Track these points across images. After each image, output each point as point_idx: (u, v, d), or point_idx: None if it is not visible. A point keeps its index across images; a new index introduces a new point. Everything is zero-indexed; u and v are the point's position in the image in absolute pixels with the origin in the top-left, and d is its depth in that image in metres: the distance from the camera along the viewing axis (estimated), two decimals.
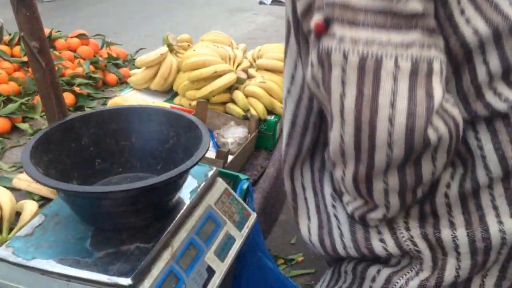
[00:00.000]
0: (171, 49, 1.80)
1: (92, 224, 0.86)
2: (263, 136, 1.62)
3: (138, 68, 1.89)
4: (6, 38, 1.99)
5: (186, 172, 0.81)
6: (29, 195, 1.24)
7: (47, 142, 0.89)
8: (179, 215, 0.89)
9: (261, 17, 6.67)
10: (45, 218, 0.88)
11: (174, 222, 0.87)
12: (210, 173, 1.01)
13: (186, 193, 0.94)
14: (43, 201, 1.23)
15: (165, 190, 0.85)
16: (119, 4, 7.08)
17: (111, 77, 2.14)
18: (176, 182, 0.86)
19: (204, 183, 0.98)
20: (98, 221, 0.86)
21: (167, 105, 1.59)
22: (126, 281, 0.74)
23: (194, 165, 0.81)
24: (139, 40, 2.51)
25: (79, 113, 0.98)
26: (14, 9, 0.94)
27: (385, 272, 0.78)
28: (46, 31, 2.12)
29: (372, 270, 0.80)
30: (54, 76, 1.02)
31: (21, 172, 1.38)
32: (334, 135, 0.64)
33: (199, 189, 0.96)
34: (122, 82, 2.18)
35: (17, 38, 1.96)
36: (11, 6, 0.94)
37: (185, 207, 0.91)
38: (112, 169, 1.01)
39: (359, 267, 0.82)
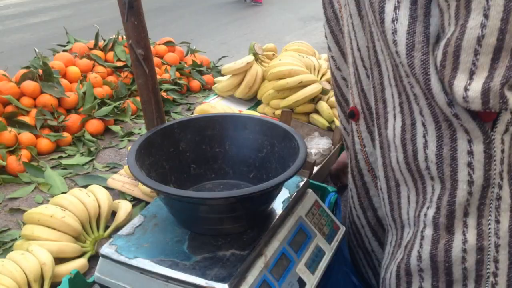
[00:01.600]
0: (256, 58, 1.82)
1: (189, 228, 0.88)
2: None
3: (222, 75, 1.92)
4: (101, 43, 2.10)
5: (283, 183, 0.81)
6: (121, 195, 1.30)
7: (149, 146, 0.93)
8: (272, 224, 0.89)
9: None
10: (145, 219, 0.92)
11: (267, 231, 0.87)
12: (301, 184, 1.01)
13: (278, 203, 0.94)
14: (135, 201, 1.28)
15: (263, 199, 0.85)
16: (197, 11, 7.29)
17: (195, 84, 2.20)
18: (274, 192, 0.87)
19: (295, 193, 0.98)
20: (195, 226, 0.88)
21: (254, 113, 1.61)
22: (224, 286, 0.75)
23: (293, 175, 0.81)
24: (214, 47, 2.57)
25: (178, 119, 1.01)
26: (123, 18, 0.98)
27: None
28: None
29: None
30: (155, 83, 1.05)
31: (114, 172, 1.45)
32: None
33: (290, 199, 0.96)
34: (205, 89, 2.24)
35: (110, 44, 2.07)
36: (120, 15, 0.99)
37: (277, 217, 0.91)
38: (206, 174, 1.03)
39: None
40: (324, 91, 1.66)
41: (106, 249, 0.84)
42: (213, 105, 1.55)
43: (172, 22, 6.60)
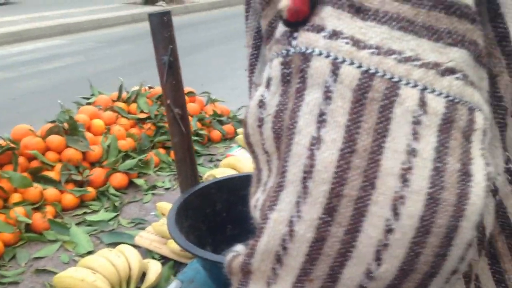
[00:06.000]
0: None
1: None
2: None
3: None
4: (124, 95, 2.11)
5: None
6: (149, 253, 1.26)
7: (187, 208, 0.90)
8: None
9: None
10: (182, 284, 0.88)
11: None
12: None
13: None
14: (163, 259, 1.24)
15: None
16: (212, 55, 7.37)
17: (216, 134, 2.20)
18: None
19: None
20: None
21: None
22: None
23: None
24: (224, 93, 2.58)
25: (213, 179, 0.99)
26: (162, 78, 0.98)
27: None
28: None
29: None
30: (191, 141, 1.04)
31: (139, 228, 1.42)
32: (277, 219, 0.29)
33: None
34: (226, 139, 2.23)
35: (134, 97, 2.08)
36: (159, 76, 0.99)
37: None
38: (242, 235, 1.00)
39: None
40: None
41: None
42: (239, 159, 1.53)
43: (185, 66, 6.67)
